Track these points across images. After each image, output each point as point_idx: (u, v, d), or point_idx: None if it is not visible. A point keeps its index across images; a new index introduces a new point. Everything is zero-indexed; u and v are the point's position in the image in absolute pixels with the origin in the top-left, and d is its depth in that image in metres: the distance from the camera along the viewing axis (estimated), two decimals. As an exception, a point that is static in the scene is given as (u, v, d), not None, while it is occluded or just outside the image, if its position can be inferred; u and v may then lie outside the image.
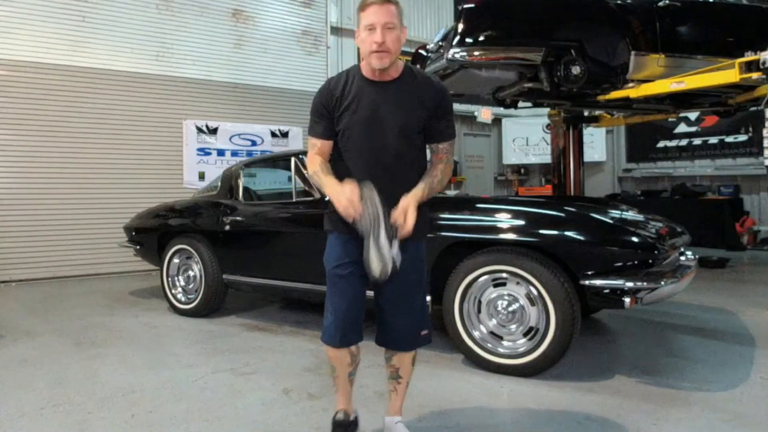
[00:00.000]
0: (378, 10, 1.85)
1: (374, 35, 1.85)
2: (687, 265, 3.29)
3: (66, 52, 6.68)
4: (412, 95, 1.97)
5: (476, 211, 3.22)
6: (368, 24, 1.86)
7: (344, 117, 1.97)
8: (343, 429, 2.15)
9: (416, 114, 1.97)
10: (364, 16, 1.88)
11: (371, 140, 1.96)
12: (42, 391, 2.85)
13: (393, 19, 1.86)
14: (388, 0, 1.87)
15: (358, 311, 2.02)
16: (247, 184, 4.59)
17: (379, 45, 1.84)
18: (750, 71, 4.23)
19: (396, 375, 2.15)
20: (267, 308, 4.82)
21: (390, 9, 1.87)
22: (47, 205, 6.57)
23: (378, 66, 1.89)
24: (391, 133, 1.95)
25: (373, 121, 1.95)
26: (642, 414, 2.46)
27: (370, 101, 1.95)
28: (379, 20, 1.84)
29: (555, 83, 4.65)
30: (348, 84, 1.98)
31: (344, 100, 1.96)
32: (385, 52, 1.86)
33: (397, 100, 1.96)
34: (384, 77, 1.96)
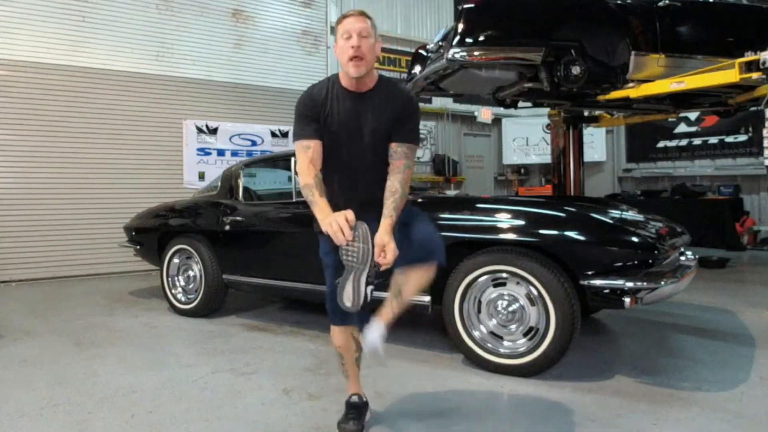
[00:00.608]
0: (354, 21, 2.02)
1: (351, 42, 2.00)
2: (687, 265, 3.29)
3: (66, 52, 6.69)
4: (385, 104, 2.11)
5: (476, 211, 3.22)
6: (345, 32, 2.02)
7: (325, 124, 2.09)
8: (357, 410, 2.33)
9: (386, 121, 2.10)
10: (341, 27, 2.05)
11: (348, 147, 2.10)
12: (42, 391, 2.86)
13: (368, 28, 2.03)
14: (363, 14, 2.05)
15: None
16: (247, 184, 4.59)
17: (356, 49, 1.99)
18: (750, 71, 4.23)
19: (398, 292, 2.17)
20: (267, 308, 4.82)
21: (365, 20, 2.04)
22: (47, 205, 6.58)
23: (354, 74, 2.02)
24: (366, 140, 2.10)
25: (350, 129, 2.09)
26: (642, 414, 2.46)
27: (348, 111, 2.09)
28: (355, 28, 2.01)
29: (555, 83, 4.65)
30: (328, 93, 2.10)
31: (325, 108, 2.09)
32: (361, 59, 2.00)
33: (371, 110, 2.10)
34: (361, 87, 2.09)
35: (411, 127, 2.15)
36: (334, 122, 2.08)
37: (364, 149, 2.11)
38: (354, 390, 2.38)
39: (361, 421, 2.32)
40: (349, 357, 2.32)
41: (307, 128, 2.09)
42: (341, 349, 2.29)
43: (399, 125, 2.12)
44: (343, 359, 2.33)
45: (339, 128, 2.09)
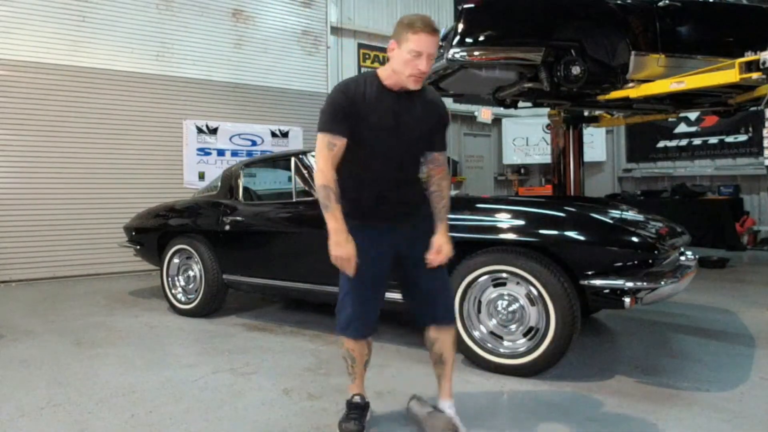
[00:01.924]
0: (428, 40, 1.94)
1: (420, 63, 1.96)
2: (687, 265, 3.29)
3: (66, 52, 6.68)
4: (428, 110, 2.15)
5: (476, 211, 3.22)
6: (417, 50, 1.94)
7: (363, 122, 2.04)
8: (359, 410, 2.33)
9: (428, 125, 2.16)
10: (414, 41, 1.94)
11: (388, 145, 2.09)
12: (42, 391, 2.86)
13: (436, 49, 2.02)
14: (436, 30, 1.98)
15: (379, 302, 2.22)
16: (247, 184, 4.59)
17: (422, 74, 1.98)
18: (750, 71, 4.23)
19: (440, 359, 2.29)
20: (267, 308, 4.82)
21: (436, 40, 1.98)
22: (47, 205, 6.57)
23: (413, 87, 2.04)
24: (408, 140, 2.12)
25: (393, 127, 2.08)
26: (642, 414, 2.46)
27: (390, 109, 2.07)
28: (427, 49, 1.95)
29: (555, 83, 4.65)
30: (367, 90, 2.06)
31: (363, 105, 2.04)
32: (422, 78, 2.02)
33: (414, 111, 2.11)
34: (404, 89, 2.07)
35: (444, 134, 2.26)
36: (372, 118, 2.04)
37: (399, 147, 2.11)
38: (357, 390, 2.38)
39: (362, 421, 2.31)
40: (360, 360, 2.31)
41: (337, 124, 2.03)
42: (354, 352, 2.27)
43: (440, 135, 2.22)
44: (354, 362, 2.30)
45: (376, 124, 2.05)
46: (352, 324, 2.18)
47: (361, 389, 2.38)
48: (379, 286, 2.21)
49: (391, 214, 2.16)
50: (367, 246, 2.09)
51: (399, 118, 2.07)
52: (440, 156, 2.24)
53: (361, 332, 2.21)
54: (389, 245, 2.17)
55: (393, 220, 2.17)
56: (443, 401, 2.31)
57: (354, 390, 2.38)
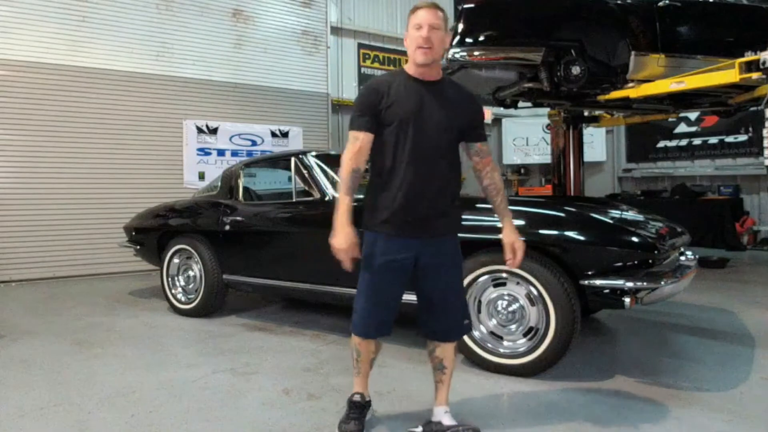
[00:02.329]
0: (426, 13, 2.05)
1: (421, 32, 2.04)
2: (687, 265, 3.29)
3: (66, 52, 6.68)
4: (455, 99, 2.17)
5: (476, 211, 3.21)
6: (417, 23, 2.06)
7: (392, 109, 2.08)
8: (359, 409, 2.32)
9: (458, 116, 2.15)
10: (414, 18, 2.08)
11: (416, 131, 2.08)
12: (42, 391, 2.86)
13: (439, 21, 2.06)
14: (435, 6, 2.08)
15: (396, 306, 2.21)
16: (247, 184, 4.59)
17: (425, 40, 2.03)
18: (750, 71, 4.23)
19: (441, 366, 2.29)
20: (267, 308, 4.82)
21: (437, 13, 2.07)
22: (47, 205, 6.57)
23: (422, 60, 2.06)
24: (435, 128, 2.10)
25: (420, 113, 2.09)
26: (642, 414, 2.46)
27: (417, 96, 2.10)
28: (427, 20, 2.04)
29: (555, 83, 4.65)
30: (395, 83, 2.12)
31: (392, 95, 2.09)
32: (429, 48, 2.04)
33: (441, 100, 2.13)
34: (427, 77, 2.13)
35: (483, 124, 2.28)
36: (404, 106, 2.08)
37: (432, 138, 2.10)
38: (359, 389, 2.37)
39: (362, 421, 2.31)
40: (366, 356, 2.32)
41: (361, 120, 2.09)
42: (360, 347, 2.29)
43: (479, 126, 2.23)
44: (360, 356, 2.31)
45: (408, 111, 2.08)
46: (360, 323, 2.21)
47: (363, 388, 2.37)
48: (393, 293, 2.19)
49: (420, 214, 2.10)
50: (392, 251, 2.10)
51: (423, 105, 2.09)
52: (483, 146, 2.24)
53: (367, 333, 2.23)
54: (411, 255, 2.13)
55: (420, 224, 2.11)
56: (439, 407, 2.31)
57: (357, 387, 2.37)
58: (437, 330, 2.24)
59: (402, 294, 2.22)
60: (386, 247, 2.10)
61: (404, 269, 2.13)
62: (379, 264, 2.10)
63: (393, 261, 2.11)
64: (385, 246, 2.11)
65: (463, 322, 2.26)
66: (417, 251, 2.12)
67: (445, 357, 2.27)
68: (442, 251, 2.16)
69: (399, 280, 2.16)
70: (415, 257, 2.13)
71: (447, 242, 2.18)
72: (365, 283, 2.16)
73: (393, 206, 2.09)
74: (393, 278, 2.14)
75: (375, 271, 2.11)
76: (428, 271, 2.16)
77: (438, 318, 2.21)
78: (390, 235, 2.10)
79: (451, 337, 2.26)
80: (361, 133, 2.08)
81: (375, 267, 2.11)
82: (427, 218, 2.11)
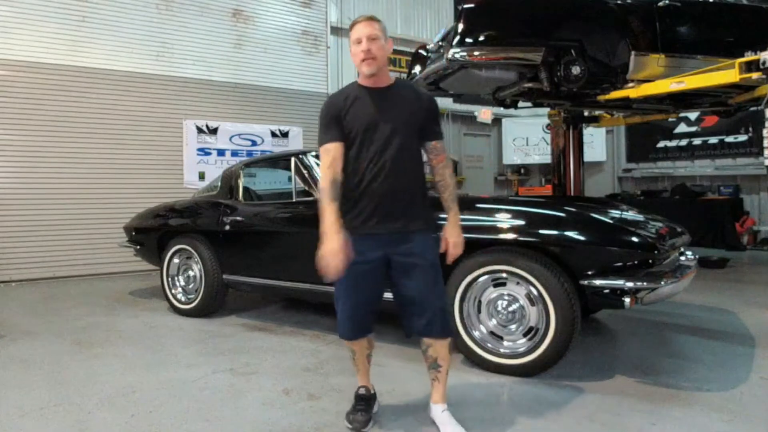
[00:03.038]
0: (364, 25, 2.16)
1: (361, 45, 2.15)
2: (687, 265, 3.29)
3: (66, 52, 6.69)
4: (405, 101, 2.25)
5: (476, 211, 3.21)
6: (356, 38, 2.17)
7: (350, 120, 2.20)
8: (365, 402, 2.42)
9: (412, 115, 2.24)
10: (352, 34, 2.19)
11: (375, 137, 2.19)
12: (42, 391, 2.86)
13: (377, 31, 2.16)
14: (371, 18, 2.18)
15: (370, 307, 2.29)
16: (247, 184, 4.59)
17: (366, 52, 2.14)
18: (750, 71, 4.22)
19: (435, 364, 2.32)
20: (267, 308, 4.82)
21: (373, 24, 2.17)
22: (47, 205, 6.57)
23: (367, 71, 2.18)
24: (393, 132, 2.19)
25: (376, 120, 2.19)
26: (642, 414, 2.46)
27: (372, 104, 2.21)
28: (364, 33, 2.14)
29: (555, 83, 4.64)
30: (351, 95, 2.24)
31: (348, 107, 2.21)
32: (372, 59, 2.15)
33: (394, 103, 2.23)
34: (379, 84, 2.24)
35: (438, 123, 2.36)
36: (360, 116, 2.19)
37: (390, 140, 2.19)
38: (362, 382, 2.47)
39: (369, 412, 2.39)
40: (361, 354, 2.41)
41: (328, 133, 2.20)
42: (353, 346, 2.37)
43: (431, 123, 2.30)
44: (354, 355, 2.41)
45: (364, 121, 2.19)
46: (342, 326, 2.30)
47: (365, 381, 2.47)
48: (369, 293, 2.26)
49: (387, 214, 2.18)
50: (359, 253, 2.15)
51: (378, 111, 2.20)
52: (437, 144, 2.31)
53: (350, 335, 2.31)
54: (381, 254, 2.20)
55: (388, 224, 2.19)
56: (436, 405, 2.34)
57: (360, 382, 2.48)
58: (416, 326, 2.26)
59: (379, 294, 2.31)
60: (358, 248, 2.15)
61: (376, 269, 2.21)
62: (352, 265, 2.12)
63: (365, 262, 2.17)
64: (357, 247, 2.15)
65: (446, 318, 2.28)
66: (387, 250, 2.20)
67: (439, 356, 2.30)
68: (413, 249, 2.19)
69: (372, 281, 2.23)
70: (387, 257, 2.20)
71: (419, 239, 2.22)
72: (342, 286, 2.24)
73: (361, 209, 2.19)
74: (366, 279, 2.21)
75: (349, 272, 2.13)
76: (402, 270, 2.21)
77: (417, 315, 2.23)
78: (361, 236, 2.18)
79: (433, 333, 2.25)
80: (331, 144, 2.18)
81: (349, 269, 2.13)
82: (394, 217, 2.19)
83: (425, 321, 2.22)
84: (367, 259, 2.17)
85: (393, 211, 2.19)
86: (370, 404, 2.44)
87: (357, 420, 2.34)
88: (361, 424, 2.33)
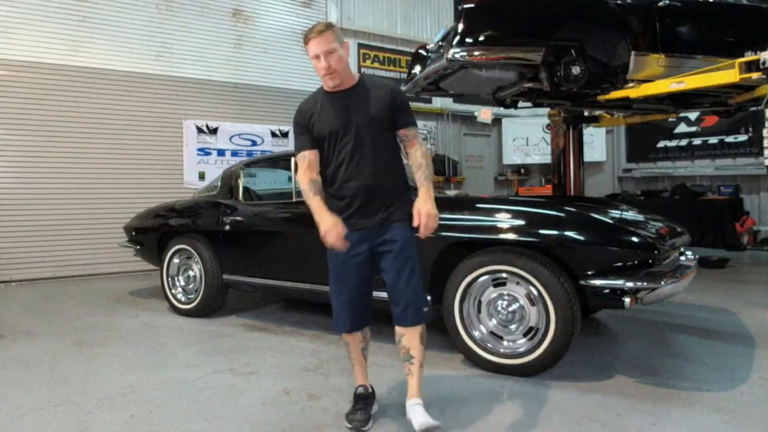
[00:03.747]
0: (318, 42, 2.18)
1: (320, 63, 2.21)
2: (687, 265, 3.29)
3: (66, 52, 6.69)
4: (369, 96, 2.31)
5: (476, 211, 3.22)
6: (313, 55, 2.22)
7: (319, 124, 2.30)
8: (364, 401, 2.44)
9: (378, 109, 2.29)
10: (309, 49, 2.23)
11: (346, 136, 2.27)
12: (42, 391, 2.86)
13: (331, 44, 2.19)
14: (322, 31, 2.19)
15: (361, 298, 2.36)
16: (247, 184, 4.59)
17: (326, 68, 2.21)
18: (750, 71, 4.22)
19: (408, 356, 2.34)
20: (267, 308, 4.82)
21: (327, 36, 2.19)
22: (47, 205, 6.57)
23: (332, 85, 2.27)
24: (363, 130, 2.27)
25: (343, 123, 2.28)
26: (642, 414, 2.46)
27: (339, 105, 2.30)
28: (321, 49, 2.18)
29: (555, 83, 4.64)
30: (317, 101, 2.35)
31: (316, 112, 2.32)
32: (334, 73, 2.23)
33: (360, 100, 2.30)
34: (341, 87, 2.30)
35: (406, 111, 2.36)
36: (328, 121, 2.28)
37: (361, 139, 2.26)
38: (360, 381, 2.50)
39: (368, 411, 2.40)
40: (355, 347, 2.45)
41: (302, 140, 2.33)
42: (347, 339, 2.45)
43: (397, 113, 2.32)
44: (348, 347, 2.47)
45: (332, 125, 2.27)
46: (337, 319, 2.39)
47: (363, 380, 2.50)
48: (358, 286, 2.33)
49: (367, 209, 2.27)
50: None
51: (349, 113, 2.28)
52: (407, 131, 2.35)
53: (344, 327, 2.38)
54: (365, 247, 2.29)
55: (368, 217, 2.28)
56: (410, 401, 2.31)
57: (357, 381, 2.51)
58: (395, 315, 2.32)
59: (369, 287, 2.39)
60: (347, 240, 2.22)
61: (362, 262, 2.30)
62: (340, 260, 2.28)
63: (351, 256, 2.26)
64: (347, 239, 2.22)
65: (421, 308, 2.31)
66: (370, 243, 2.29)
67: (411, 347, 2.32)
68: (392, 239, 2.27)
69: (360, 273, 2.31)
70: (370, 249, 2.29)
71: (396, 230, 2.28)
72: (333, 281, 2.37)
73: (342, 206, 2.28)
74: (354, 272, 2.30)
75: (339, 266, 2.31)
76: (381, 259, 2.30)
77: (393, 303, 2.31)
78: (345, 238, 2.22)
79: (407, 322, 2.29)
80: (306, 152, 2.31)
81: (338, 263, 2.30)
82: (373, 212, 2.28)
83: (399, 309, 2.29)
84: (351, 253, 2.26)
85: (371, 206, 2.27)
86: (368, 403, 2.45)
87: (356, 419, 2.35)
88: (360, 423, 2.34)
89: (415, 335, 2.31)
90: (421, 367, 2.33)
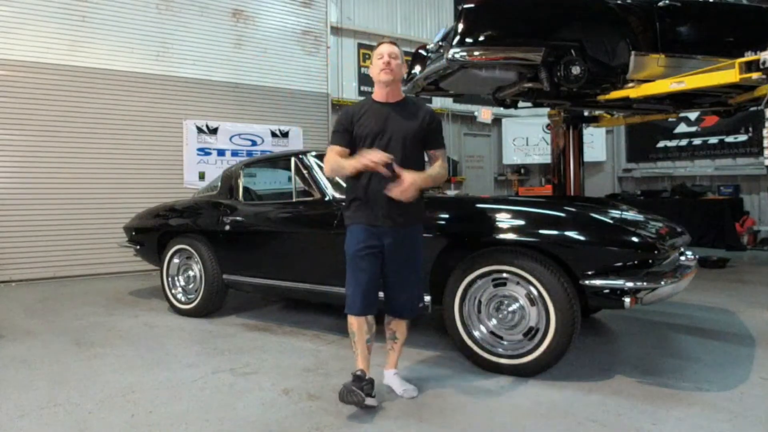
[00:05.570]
0: (389, 46, 2.63)
1: (382, 60, 2.58)
2: (687, 265, 3.29)
3: (66, 52, 6.69)
4: (411, 113, 2.65)
5: (476, 211, 3.22)
6: (379, 54, 2.61)
7: (361, 127, 2.60)
8: (359, 381, 2.51)
9: (414, 127, 2.62)
10: (377, 51, 2.62)
11: (381, 144, 2.55)
12: (42, 391, 2.86)
13: (397, 52, 2.61)
14: (394, 43, 2.67)
15: (375, 286, 2.58)
16: (247, 184, 4.59)
17: (386, 64, 2.57)
18: (750, 71, 4.22)
19: (393, 336, 2.78)
20: (267, 308, 4.82)
21: (396, 48, 2.63)
22: (47, 205, 6.57)
23: (385, 79, 2.58)
24: (397, 139, 2.58)
25: (384, 129, 2.58)
26: (642, 414, 2.46)
27: (382, 115, 2.61)
28: (387, 51, 2.60)
29: (555, 83, 4.64)
30: (365, 107, 2.66)
31: (362, 116, 2.62)
32: (390, 70, 2.57)
33: (400, 116, 2.62)
34: (389, 98, 2.64)
35: (439, 135, 2.72)
36: (368, 125, 2.58)
37: (394, 149, 2.53)
38: (361, 365, 2.59)
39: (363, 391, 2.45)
40: (360, 336, 2.59)
41: (338, 137, 2.62)
42: (354, 326, 2.59)
43: (431, 134, 2.67)
44: (354, 337, 2.60)
45: (372, 128, 2.57)
46: (351, 302, 2.56)
47: (363, 365, 2.59)
48: (372, 276, 2.56)
49: (386, 211, 2.54)
50: (365, 240, 2.55)
51: (387, 121, 2.59)
52: (437, 153, 2.69)
53: (358, 309, 2.54)
54: (380, 243, 2.57)
55: (386, 218, 2.55)
56: (389, 370, 2.78)
57: (358, 365, 2.59)
58: (394, 306, 2.68)
59: (379, 280, 2.60)
60: (363, 236, 2.55)
61: (374, 255, 2.56)
62: (358, 250, 2.54)
63: (368, 247, 2.53)
64: (363, 235, 2.55)
65: (417, 304, 2.72)
66: (385, 240, 2.56)
67: (398, 330, 2.75)
68: (404, 240, 2.60)
69: (375, 264, 2.56)
70: (383, 245, 2.56)
71: (409, 232, 2.62)
72: (351, 269, 2.59)
73: (365, 205, 2.57)
74: (370, 262, 2.54)
75: (357, 256, 2.54)
76: (391, 256, 2.58)
77: (395, 296, 2.65)
78: (365, 226, 2.56)
79: (404, 315, 2.71)
80: (338, 147, 2.61)
81: (356, 253, 2.54)
82: (393, 215, 2.55)
83: (400, 303, 2.65)
84: (367, 245, 2.53)
85: (392, 211, 2.54)
86: (362, 382, 2.49)
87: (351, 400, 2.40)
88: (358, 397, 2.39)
89: (404, 322, 2.74)
90: (403, 344, 2.79)
